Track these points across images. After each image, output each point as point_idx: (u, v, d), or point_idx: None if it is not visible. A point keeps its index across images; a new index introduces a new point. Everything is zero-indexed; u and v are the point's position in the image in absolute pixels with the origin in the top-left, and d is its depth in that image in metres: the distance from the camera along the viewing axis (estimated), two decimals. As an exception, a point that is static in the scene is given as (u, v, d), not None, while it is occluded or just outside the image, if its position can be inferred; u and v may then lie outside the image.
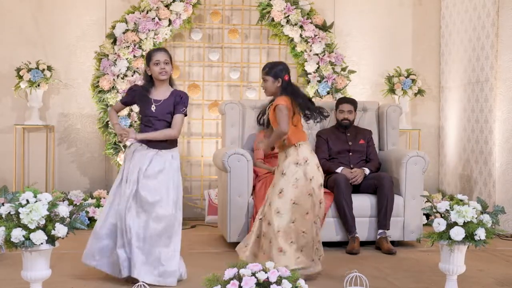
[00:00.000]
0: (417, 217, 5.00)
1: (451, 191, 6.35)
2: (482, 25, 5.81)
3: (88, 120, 6.19)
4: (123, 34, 5.86)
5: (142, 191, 3.75)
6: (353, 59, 6.45)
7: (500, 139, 5.59)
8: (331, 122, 5.38)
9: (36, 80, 5.76)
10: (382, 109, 5.51)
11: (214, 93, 6.36)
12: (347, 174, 4.98)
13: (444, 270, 3.48)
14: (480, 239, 3.36)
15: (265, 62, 6.28)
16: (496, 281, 3.95)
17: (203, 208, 6.13)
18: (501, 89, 5.60)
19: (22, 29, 6.09)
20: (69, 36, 6.16)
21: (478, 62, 5.90)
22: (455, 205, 3.40)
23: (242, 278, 2.49)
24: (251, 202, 4.79)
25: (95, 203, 5.72)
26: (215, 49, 6.31)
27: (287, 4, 6.06)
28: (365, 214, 4.91)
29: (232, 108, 5.28)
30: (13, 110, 6.10)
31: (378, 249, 4.84)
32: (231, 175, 4.75)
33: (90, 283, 3.79)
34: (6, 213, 3.07)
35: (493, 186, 5.62)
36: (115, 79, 5.84)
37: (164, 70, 3.83)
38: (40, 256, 3.09)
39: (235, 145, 5.25)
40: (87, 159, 6.22)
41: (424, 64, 6.65)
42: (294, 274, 2.59)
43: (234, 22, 6.38)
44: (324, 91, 6.07)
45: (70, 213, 3.17)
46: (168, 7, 5.93)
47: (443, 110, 6.60)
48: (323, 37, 6.12)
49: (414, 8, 6.63)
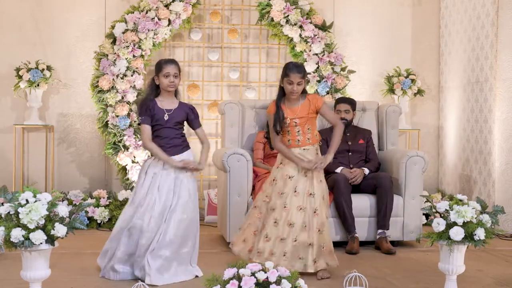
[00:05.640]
0: (417, 217, 5.00)
1: (451, 191, 6.35)
2: (482, 25, 5.81)
3: (88, 120, 6.19)
4: (123, 34, 5.86)
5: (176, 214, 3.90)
6: (353, 59, 6.45)
7: (500, 139, 5.59)
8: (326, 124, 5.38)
9: (36, 80, 5.76)
10: (382, 109, 5.51)
11: (213, 93, 6.36)
12: (346, 174, 4.98)
13: (443, 270, 3.48)
14: (479, 239, 3.36)
15: (265, 62, 6.37)
16: (495, 281, 3.95)
17: (203, 208, 6.13)
18: (500, 89, 5.60)
19: (21, 29, 6.09)
20: (69, 36, 6.16)
21: (477, 62, 5.90)
22: (454, 205, 3.40)
23: (241, 278, 2.49)
24: (250, 202, 4.79)
25: (95, 203, 5.72)
26: (215, 49, 6.32)
27: (287, 4, 6.06)
28: (364, 214, 4.91)
29: (232, 108, 5.28)
30: (13, 110, 6.10)
31: (378, 249, 4.84)
32: (231, 175, 4.75)
33: (90, 283, 3.79)
34: (6, 213, 3.07)
35: (492, 186, 5.62)
36: (114, 79, 5.84)
37: (173, 83, 3.93)
38: (39, 256, 3.09)
39: (234, 145, 5.25)
40: (87, 159, 6.22)
41: (423, 64, 6.65)
42: (294, 274, 2.59)
43: (233, 22, 6.38)
44: (323, 91, 6.07)
45: (69, 213, 3.17)
46: (168, 7, 5.93)
47: (443, 110, 6.60)
48: (322, 37, 6.12)
49: (414, 8, 6.63)
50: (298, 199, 3.95)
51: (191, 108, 4.05)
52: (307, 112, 4.02)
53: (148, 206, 3.86)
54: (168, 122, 3.93)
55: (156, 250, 3.79)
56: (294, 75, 3.94)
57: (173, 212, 3.86)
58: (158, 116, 3.92)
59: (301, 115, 4.01)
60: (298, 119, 4.01)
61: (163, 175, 3.90)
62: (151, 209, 3.85)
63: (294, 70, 3.96)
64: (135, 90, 5.89)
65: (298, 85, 3.96)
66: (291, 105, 4.04)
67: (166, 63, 3.96)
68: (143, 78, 5.97)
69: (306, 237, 3.91)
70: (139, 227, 3.83)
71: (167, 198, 3.88)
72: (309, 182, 3.98)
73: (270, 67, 6.43)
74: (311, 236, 3.91)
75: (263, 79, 6.42)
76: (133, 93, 5.87)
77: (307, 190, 3.96)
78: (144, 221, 3.83)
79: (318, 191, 3.98)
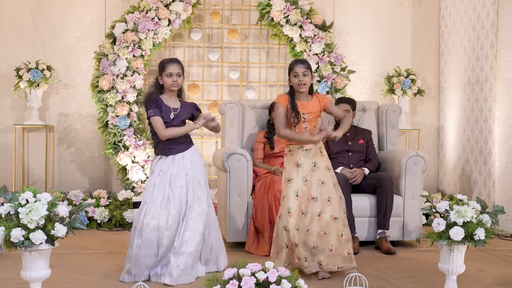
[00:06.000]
0: (417, 217, 5.00)
1: (451, 191, 6.35)
2: (482, 25, 5.81)
3: (88, 120, 6.19)
4: (123, 34, 5.86)
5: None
6: (353, 59, 6.45)
7: (500, 139, 5.59)
8: (331, 122, 5.38)
9: (36, 80, 5.76)
10: (382, 109, 5.51)
11: (213, 93, 6.36)
12: (346, 174, 4.98)
13: (443, 270, 3.48)
14: (479, 239, 3.36)
15: (265, 62, 6.37)
16: (495, 281, 3.95)
17: (203, 208, 6.13)
18: (500, 89, 5.60)
19: (21, 29, 6.09)
20: (69, 36, 6.16)
21: (477, 62, 5.90)
22: (454, 205, 3.40)
23: (241, 278, 2.49)
24: (250, 202, 4.79)
25: (95, 203, 5.72)
26: (215, 49, 6.31)
27: (287, 4, 6.06)
28: (364, 214, 4.92)
29: (232, 108, 5.28)
30: (13, 110, 6.10)
31: (378, 249, 4.84)
32: (231, 175, 4.76)
33: (90, 283, 3.79)
34: (6, 213, 3.07)
35: (492, 186, 5.62)
36: (114, 79, 5.83)
37: (176, 82, 3.95)
38: (39, 256, 3.09)
39: (234, 145, 5.25)
40: (87, 159, 6.22)
41: (423, 64, 6.65)
42: (294, 274, 2.59)
43: (233, 22, 6.38)
44: (323, 91, 6.07)
45: (69, 213, 3.17)
46: (168, 7, 5.93)
47: (443, 110, 6.60)
48: (322, 37, 6.12)
49: (414, 8, 6.63)
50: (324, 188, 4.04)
51: (194, 106, 4.09)
52: (317, 109, 4.07)
53: (162, 204, 3.86)
54: (174, 120, 3.95)
55: (178, 248, 3.79)
56: (297, 67, 4.03)
57: (190, 208, 3.87)
58: (164, 113, 3.94)
59: (312, 111, 4.05)
60: (309, 114, 4.05)
61: (172, 172, 3.91)
62: (166, 207, 3.85)
63: (298, 62, 4.08)
64: (135, 90, 5.89)
65: (304, 76, 4.01)
66: (301, 101, 4.07)
67: (169, 62, 3.97)
68: (143, 78, 5.97)
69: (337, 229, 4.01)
70: (155, 227, 3.82)
71: (180, 194, 3.89)
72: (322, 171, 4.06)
73: (270, 67, 6.43)
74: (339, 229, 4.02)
75: (263, 79, 6.42)
76: (133, 93, 5.87)
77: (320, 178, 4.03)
78: (160, 220, 3.83)
79: (330, 177, 4.08)
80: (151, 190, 3.90)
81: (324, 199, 3.99)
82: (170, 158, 3.94)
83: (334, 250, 3.95)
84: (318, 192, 3.99)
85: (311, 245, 3.93)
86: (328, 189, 4.01)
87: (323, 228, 3.95)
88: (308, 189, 3.99)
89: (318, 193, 3.99)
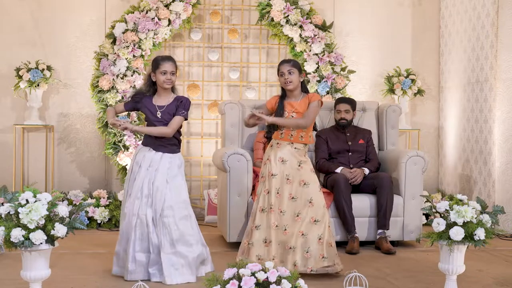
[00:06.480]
0: (417, 217, 5.00)
1: (451, 191, 6.35)
2: (482, 25, 5.81)
3: (88, 120, 6.19)
4: (123, 34, 5.86)
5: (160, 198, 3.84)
6: (353, 59, 6.45)
7: (500, 139, 5.59)
8: (331, 122, 5.39)
9: (36, 80, 5.76)
10: (382, 109, 5.51)
11: (213, 93, 6.36)
12: (346, 174, 4.98)
13: (443, 270, 3.48)
14: (479, 239, 3.36)
15: (265, 62, 6.37)
16: (495, 281, 3.95)
17: (203, 208, 6.13)
18: (500, 89, 5.60)
19: (21, 29, 6.09)
20: (69, 36, 6.16)
21: (477, 62, 5.90)
22: (454, 205, 3.40)
23: (241, 278, 2.49)
24: (250, 202, 4.79)
25: (95, 203, 5.72)
26: (215, 49, 6.31)
27: (287, 4, 6.06)
28: (364, 214, 4.92)
29: (232, 108, 5.28)
30: (13, 110, 6.10)
31: (378, 249, 4.84)
32: (231, 175, 4.76)
33: (90, 283, 3.79)
34: (6, 213, 3.07)
35: (492, 186, 5.62)
36: (114, 79, 5.84)
37: (170, 80, 3.91)
38: (39, 256, 3.09)
39: (234, 145, 5.25)
40: (87, 159, 6.22)
41: (423, 64, 6.65)
42: (294, 274, 2.59)
43: (233, 22, 6.38)
44: (323, 91, 6.07)
45: (69, 213, 3.17)
46: (168, 7, 5.93)
47: (443, 110, 6.60)
48: (322, 37, 6.12)
49: (414, 8, 6.63)
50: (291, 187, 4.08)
51: (181, 99, 3.95)
52: (304, 108, 4.11)
53: (138, 193, 3.83)
54: (161, 118, 3.90)
55: (166, 247, 3.77)
56: (282, 66, 4.14)
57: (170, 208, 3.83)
58: (150, 112, 3.91)
59: (299, 110, 4.10)
60: (296, 113, 4.10)
61: (145, 156, 3.89)
62: (137, 195, 3.83)
63: (283, 62, 4.19)
64: (135, 90, 5.88)
65: (290, 74, 4.08)
66: (291, 100, 4.16)
67: (163, 60, 3.92)
68: (143, 78, 5.97)
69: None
70: (139, 220, 3.80)
71: (147, 174, 3.84)
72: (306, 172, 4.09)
73: (270, 67, 6.43)
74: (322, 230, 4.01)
75: (263, 79, 6.42)
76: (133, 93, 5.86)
77: (303, 179, 4.06)
78: (134, 209, 3.80)
79: (312, 178, 4.10)
80: (131, 179, 3.94)
81: (305, 200, 4.01)
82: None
83: (310, 253, 3.94)
84: (299, 192, 4.02)
85: (287, 245, 3.95)
86: (310, 191, 4.03)
87: (301, 229, 3.96)
88: (289, 188, 4.03)
89: (298, 193, 4.01)
